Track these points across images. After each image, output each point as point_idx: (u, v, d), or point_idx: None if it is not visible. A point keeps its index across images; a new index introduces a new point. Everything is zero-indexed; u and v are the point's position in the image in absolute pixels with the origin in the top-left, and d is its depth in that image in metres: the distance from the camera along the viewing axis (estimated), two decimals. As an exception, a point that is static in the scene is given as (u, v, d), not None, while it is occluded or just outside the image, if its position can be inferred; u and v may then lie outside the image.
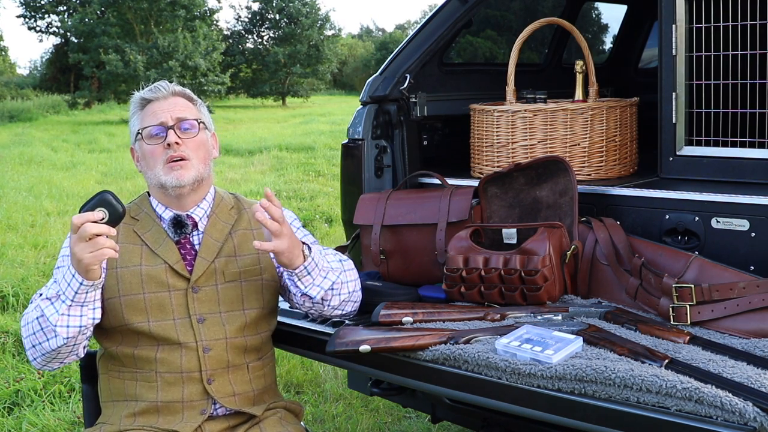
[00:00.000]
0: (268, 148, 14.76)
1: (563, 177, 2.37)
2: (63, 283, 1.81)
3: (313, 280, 1.99)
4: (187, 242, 2.03)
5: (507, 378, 1.75)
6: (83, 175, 11.71)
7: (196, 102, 2.09)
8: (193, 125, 2.03)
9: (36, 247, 6.92)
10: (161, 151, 1.99)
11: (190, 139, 2.01)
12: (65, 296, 1.81)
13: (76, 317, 1.83)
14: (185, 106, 2.04)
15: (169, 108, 2.01)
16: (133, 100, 2.07)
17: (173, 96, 2.04)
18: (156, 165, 1.99)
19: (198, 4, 29.49)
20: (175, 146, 1.98)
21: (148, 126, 2.00)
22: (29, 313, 1.89)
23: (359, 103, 2.96)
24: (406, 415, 3.63)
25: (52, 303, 1.83)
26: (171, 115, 2.00)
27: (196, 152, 2.02)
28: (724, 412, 1.48)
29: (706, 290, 1.95)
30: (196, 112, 2.06)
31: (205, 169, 2.05)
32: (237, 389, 1.99)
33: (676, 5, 2.42)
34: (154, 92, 2.04)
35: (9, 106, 26.58)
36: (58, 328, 1.81)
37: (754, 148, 2.39)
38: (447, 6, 3.05)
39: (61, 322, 1.81)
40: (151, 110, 2.02)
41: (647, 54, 4.39)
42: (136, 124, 2.04)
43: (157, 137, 2.00)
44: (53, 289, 1.84)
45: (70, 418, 3.57)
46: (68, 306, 1.81)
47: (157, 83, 2.07)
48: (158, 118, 2.00)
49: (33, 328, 1.86)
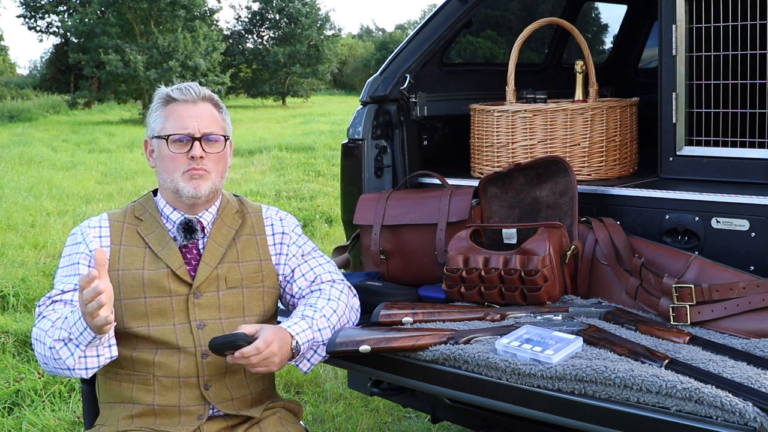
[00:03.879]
0: (268, 148, 14.76)
1: (563, 177, 2.37)
2: (75, 330, 1.78)
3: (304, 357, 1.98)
4: (194, 246, 2.01)
5: (507, 378, 1.74)
6: (83, 175, 11.71)
7: (222, 110, 2.06)
8: (219, 140, 2.00)
9: (36, 247, 6.92)
10: (184, 160, 1.97)
11: (215, 153, 2.00)
12: (77, 341, 1.79)
13: (93, 358, 1.83)
14: (212, 117, 2.01)
15: (197, 115, 1.98)
16: (159, 95, 2.02)
17: (202, 101, 2.01)
18: (175, 171, 1.97)
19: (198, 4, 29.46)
20: (200, 160, 1.96)
21: (175, 133, 1.96)
22: (44, 336, 1.84)
23: (359, 103, 2.96)
24: (406, 415, 3.63)
25: (65, 344, 1.80)
26: (199, 126, 1.97)
27: (216, 166, 2.01)
28: (724, 412, 1.48)
29: (706, 290, 1.95)
30: (222, 123, 2.03)
31: (221, 181, 2.04)
32: (234, 394, 1.98)
33: (676, 5, 2.42)
34: (184, 94, 1.99)
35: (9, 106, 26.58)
36: (77, 370, 1.82)
37: (754, 148, 2.39)
38: (447, 6, 3.05)
39: (79, 365, 1.82)
40: (177, 113, 1.98)
41: (647, 54, 4.39)
42: (158, 122, 2.00)
43: (181, 145, 1.97)
44: (64, 329, 1.80)
45: (70, 418, 3.57)
46: (83, 350, 1.80)
47: (188, 84, 2.02)
48: (186, 127, 1.96)
49: (48, 357, 1.83)
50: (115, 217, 2.03)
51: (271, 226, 2.12)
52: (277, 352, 1.84)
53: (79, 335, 1.78)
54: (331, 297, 2.05)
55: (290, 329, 1.90)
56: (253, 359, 1.80)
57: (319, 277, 2.10)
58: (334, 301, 2.04)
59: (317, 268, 2.12)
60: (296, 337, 1.90)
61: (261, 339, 1.81)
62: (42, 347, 1.85)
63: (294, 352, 1.89)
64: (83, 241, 1.98)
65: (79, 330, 1.77)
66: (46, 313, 1.91)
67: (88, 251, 1.96)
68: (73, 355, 1.80)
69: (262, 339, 1.81)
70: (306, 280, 2.09)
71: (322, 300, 2.03)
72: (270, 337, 1.82)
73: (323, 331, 1.97)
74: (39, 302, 1.96)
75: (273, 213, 2.15)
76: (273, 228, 2.12)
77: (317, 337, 1.95)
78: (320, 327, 1.96)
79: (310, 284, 2.09)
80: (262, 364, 1.82)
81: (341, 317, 2.03)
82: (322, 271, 2.12)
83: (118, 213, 2.05)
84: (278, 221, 2.14)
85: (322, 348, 1.98)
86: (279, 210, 2.18)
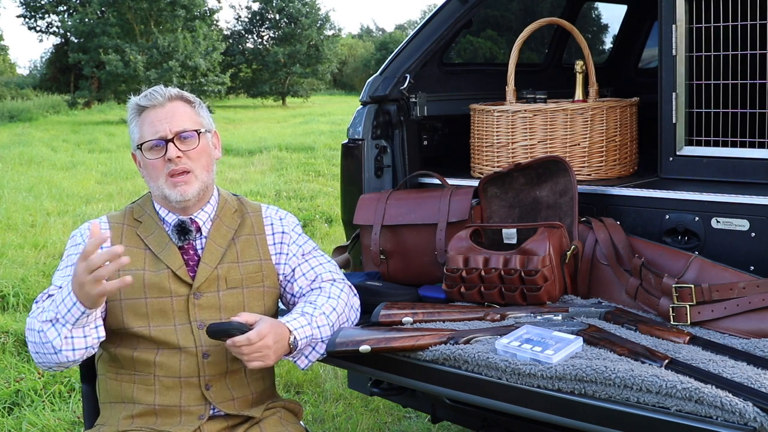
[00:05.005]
0: (268, 148, 14.76)
1: (563, 177, 2.37)
2: (62, 307, 1.77)
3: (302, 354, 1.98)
4: (191, 247, 2.01)
5: (507, 378, 1.74)
6: (83, 175, 11.71)
7: (194, 104, 2.04)
8: (192, 135, 1.98)
9: (36, 247, 6.91)
10: (162, 164, 1.96)
11: (191, 150, 1.98)
12: (64, 320, 1.78)
13: (80, 339, 1.82)
14: (183, 114, 1.99)
15: (167, 117, 1.96)
16: (130, 106, 2.01)
17: (170, 102, 1.98)
18: (158, 178, 1.97)
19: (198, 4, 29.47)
20: (177, 160, 1.95)
21: (148, 140, 1.96)
22: (33, 321, 1.85)
23: (359, 103, 2.96)
24: (406, 415, 3.63)
25: (53, 325, 1.80)
26: (170, 127, 1.95)
27: (198, 161, 1.99)
28: (724, 412, 1.48)
29: (706, 290, 1.95)
30: (195, 117, 2.01)
31: (209, 176, 2.02)
32: (235, 394, 1.98)
33: (676, 5, 2.42)
34: (150, 99, 1.98)
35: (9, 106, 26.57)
36: (64, 351, 1.81)
37: (754, 148, 2.39)
38: (447, 6, 3.05)
39: (66, 345, 1.80)
40: (148, 119, 1.97)
41: (647, 54, 4.39)
42: (135, 132, 2.00)
43: (157, 150, 1.95)
44: (51, 310, 1.80)
45: (70, 418, 3.57)
46: (69, 329, 1.80)
47: (153, 89, 2.01)
48: (157, 131, 1.95)
49: (37, 343, 1.83)
50: (114, 219, 2.03)
51: (271, 226, 2.12)
52: (271, 345, 1.83)
53: (67, 312, 1.76)
54: (331, 295, 2.04)
55: (289, 324, 1.90)
56: (244, 349, 1.80)
57: (320, 276, 2.10)
58: (334, 299, 2.04)
59: (318, 267, 2.12)
60: (294, 332, 1.90)
61: (255, 331, 1.81)
62: (32, 334, 1.84)
63: (291, 347, 1.89)
64: (83, 242, 1.99)
65: (67, 306, 1.76)
66: (39, 304, 1.90)
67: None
68: (60, 335, 1.79)
69: (256, 331, 1.81)
70: (307, 279, 2.09)
71: (322, 298, 2.03)
72: (265, 330, 1.82)
73: (322, 329, 1.96)
74: (36, 299, 1.96)
75: (273, 212, 2.15)
76: (273, 227, 2.12)
77: (316, 334, 1.95)
78: (319, 324, 1.96)
79: (310, 283, 2.09)
80: (254, 356, 1.82)
81: (341, 316, 2.03)
82: (322, 270, 2.12)
83: (118, 215, 2.05)
84: (278, 220, 2.13)
85: (321, 345, 1.98)
86: (279, 209, 2.18)
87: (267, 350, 1.83)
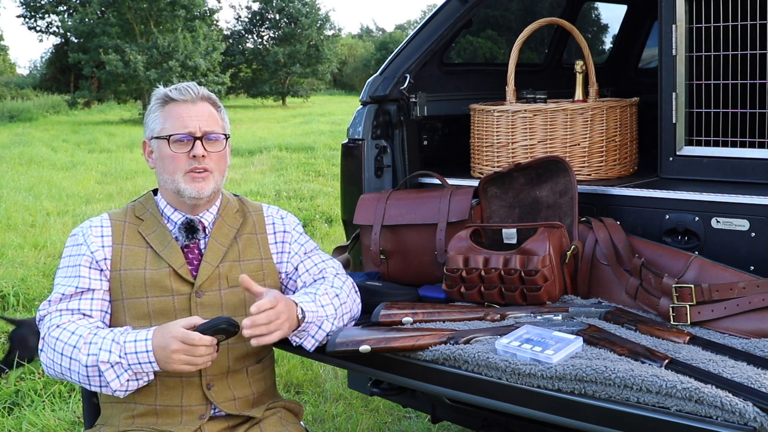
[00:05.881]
0: (268, 148, 14.77)
1: (563, 177, 2.37)
2: (133, 357, 1.78)
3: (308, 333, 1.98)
4: (195, 246, 2.02)
5: (507, 378, 1.74)
6: (83, 175, 11.71)
7: (220, 109, 2.07)
8: (219, 139, 2.01)
9: (36, 247, 6.92)
10: (185, 159, 1.97)
11: (216, 152, 2.00)
12: (133, 369, 1.79)
13: (135, 382, 1.84)
14: (212, 116, 2.01)
15: (197, 115, 1.98)
16: (157, 95, 2.02)
17: (201, 101, 2.01)
18: (176, 171, 1.98)
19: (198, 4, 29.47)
20: (201, 159, 1.97)
21: (176, 133, 1.96)
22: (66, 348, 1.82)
23: (359, 103, 2.96)
24: (406, 415, 3.63)
25: (112, 367, 1.79)
26: (200, 125, 1.97)
27: (218, 165, 2.02)
28: (724, 412, 1.48)
29: (706, 290, 1.95)
30: (221, 122, 2.04)
31: (222, 180, 2.05)
32: (237, 393, 1.99)
33: (676, 5, 2.42)
34: (183, 94, 2.00)
35: (9, 106, 26.58)
36: (117, 392, 1.82)
37: (754, 148, 2.39)
38: (447, 6, 3.05)
39: (122, 387, 1.82)
40: (176, 112, 1.98)
41: (647, 54, 4.39)
42: (156, 122, 2.00)
43: (183, 145, 1.97)
44: (113, 353, 1.79)
45: (70, 418, 3.57)
46: (132, 374, 1.81)
47: (186, 84, 2.03)
48: (186, 126, 1.97)
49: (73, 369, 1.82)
50: (116, 216, 2.04)
51: (273, 225, 2.13)
52: (285, 310, 1.84)
53: (137, 364, 1.79)
54: (334, 284, 2.07)
55: (294, 298, 1.93)
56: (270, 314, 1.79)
57: (323, 271, 2.12)
58: (337, 288, 2.06)
59: (321, 263, 2.14)
60: (301, 305, 1.92)
61: (271, 295, 1.82)
62: (66, 360, 1.82)
63: (299, 319, 1.90)
64: (84, 242, 1.98)
65: (141, 360, 1.78)
66: (60, 322, 1.88)
67: (89, 252, 1.96)
68: (119, 377, 1.80)
69: (272, 295, 1.83)
70: (310, 275, 2.11)
71: (325, 285, 2.06)
72: (278, 295, 1.84)
73: (326, 308, 1.98)
74: (40, 306, 1.95)
75: (274, 212, 2.16)
76: (274, 227, 2.13)
77: (320, 312, 1.96)
78: (323, 303, 1.98)
79: (314, 280, 2.11)
80: (274, 325, 1.80)
81: (343, 303, 2.04)
82: (325, 267, 2.14)
83: (119, 213, 2.05)
84: (279, 220, 2.14)
85: (327, 324, 1.97)
86: (279, 209, 2.19)
87: (283, 317, 1.83)
